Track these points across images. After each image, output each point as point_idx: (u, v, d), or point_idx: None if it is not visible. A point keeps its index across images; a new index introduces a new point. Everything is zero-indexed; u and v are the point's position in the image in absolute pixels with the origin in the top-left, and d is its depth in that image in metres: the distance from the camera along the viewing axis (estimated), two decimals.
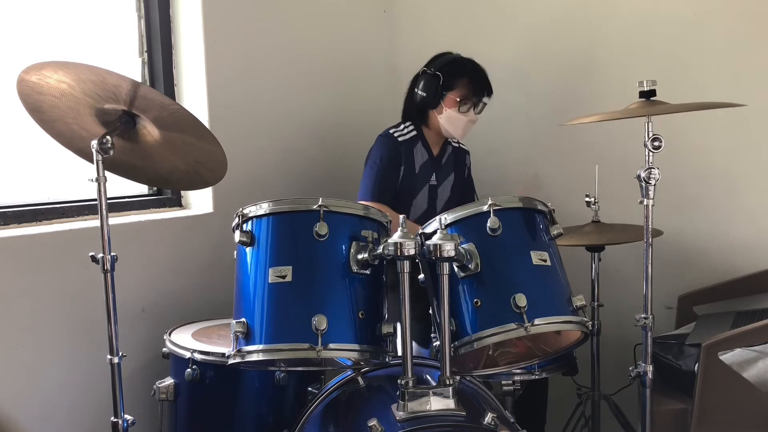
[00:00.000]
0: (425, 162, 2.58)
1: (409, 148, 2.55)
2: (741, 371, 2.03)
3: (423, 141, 2.59)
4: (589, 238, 2.34)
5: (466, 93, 2.51)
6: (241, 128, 2.66)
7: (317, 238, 1.64)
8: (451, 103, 2.51)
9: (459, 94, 2.50)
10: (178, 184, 2.31)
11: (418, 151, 2.57)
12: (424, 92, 2.53)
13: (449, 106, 2.51)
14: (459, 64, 2.54)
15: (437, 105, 2.53)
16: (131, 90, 1.69)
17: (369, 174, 2.50)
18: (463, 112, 2.51)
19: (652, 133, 1.84)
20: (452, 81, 2.50)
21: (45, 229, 2.20)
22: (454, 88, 2.50)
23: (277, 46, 2.82)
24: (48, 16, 2.32)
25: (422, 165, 2.58)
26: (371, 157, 2.54)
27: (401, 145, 2.53)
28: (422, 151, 2.58)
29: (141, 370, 2.30)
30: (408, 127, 2.58)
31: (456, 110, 2.51)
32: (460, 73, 2.51)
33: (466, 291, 1.66)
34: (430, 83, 2.52)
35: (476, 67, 2.55)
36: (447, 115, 2.52)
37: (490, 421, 1.58)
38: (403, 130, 2.57)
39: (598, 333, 2.39)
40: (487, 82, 2.55)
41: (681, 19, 2.67)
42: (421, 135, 2.59)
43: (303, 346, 1.58)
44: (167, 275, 2.47)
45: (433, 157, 2.61)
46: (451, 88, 2.51)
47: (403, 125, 2.59)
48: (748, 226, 2.63)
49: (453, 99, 2.51)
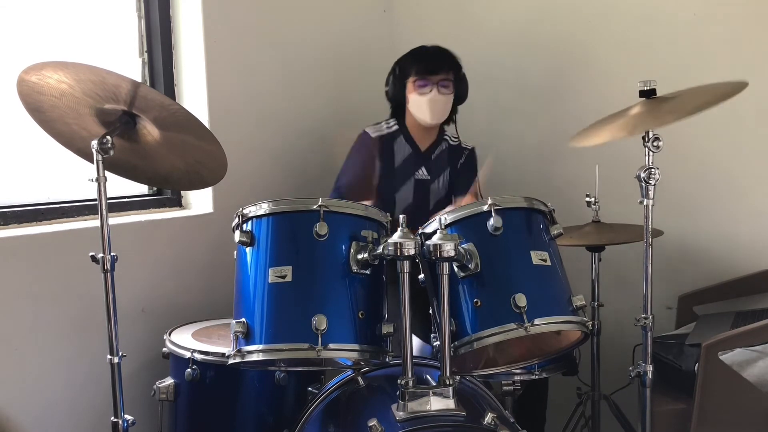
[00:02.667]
0: (408, 156, 2.59)
1: (389, 143, 2.57)
2: (741, 371, 2.03)
3: (405, 135, 2.60)
4: (590, 238, 2.34)
5: (418, 72, 2.51)
6: (241, 128, 2.66)
7: (317, 238, 1.64)
8: (411, 89, 2.53)
9: (414, 76, 2.52)
10: (178, 184, 2.30)
11: (399, 145, 2.58)
12: (390, 87, 2.58)
13: (410, 92, 2.53)
14: (412, 51, 2.58)
15: (404, 96, 2.55)
16: (131, 90, 1.69)
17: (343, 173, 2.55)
18: (422, 93, 2.50)
19: (652, 133, 1.84)
20: (406, 68, 2.54)
21: (45, 229, 2.20)
22: (410, 74, 2.53)
23: (277, 46, 2.82)
24: (48, 16, 2.32)
25: (405, 159, 2.58)
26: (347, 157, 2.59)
27: (376, 141, 2.55)
28: (404, 146, 2.59)
29: (141, 370, 2.29)
30: (389, 123, 2.61)
31: (416, 94, 2.52)
32: (411, 58, 2.55)
33: (466, 291, 1.66)
34: (392, 78, 2.57)
35: (427, 48, 2.56)
36: (412, 102, 2.54)
37: (490, 421, 1.58)
38: (383, 125, 2.60)
39: (598, 333, 2.40)
40: (440, 59, 2.53)
41: (681, 19, 2.68)
42: (404, 130, 2.60)
43: (303, 346, 1.58)
44: (167, 275, 2.47)
45: (419, 152, 2.61)
46: (408, 74, 2.53)
47: (385, 121, 2.62)
48: (748, 226, 2.63)
49: (411, 84, 2.53)
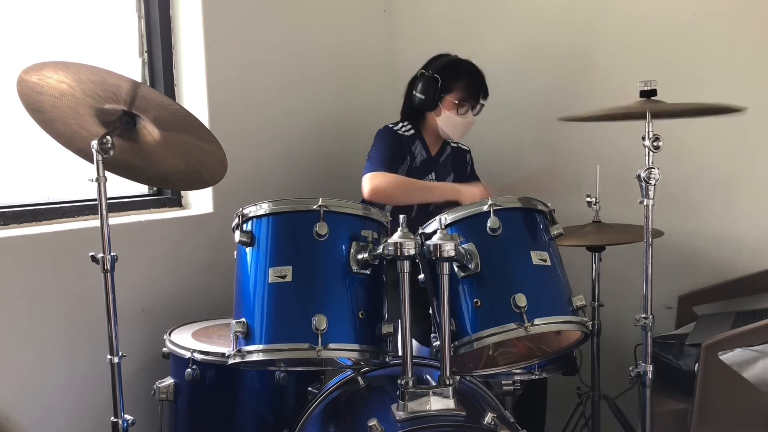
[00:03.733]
0: (424, 160, 2.59)
1: (409, 145, 2.55)
2: (741, 371, 2.03)
3: (421, 140, 2.59)
4: (590, 238, 2.34)
5: (464, 96, 2.51)
6: (241, 128, 2.66)
7: (317, 238, 1.64)
8: (449, 106, 2.51)
9: (457, 96, 2.50)
10: (178, 184, 2.30)
11: (417, 148, 2.58)
12: (423, 95, 2.52)
13: (447, 109, 2.51)
14: (457, 66, 2.54)
15: (435, 107, 2.53)
16: (131, 90, 1.69)
17: (373, 154, 2.47)
18: (461, 114, 2.52)
19: (652, 133, 1.84)
20: (450, 84, 2.50)
21: (45, 229, 2.20)
22: (453, 91, 2.50)
23: (277, 46, 2.82)
24: (48, 16, 2.32)
25: (421, 162, 2.58)
26: (374, 144, 2.53)
27: (403, 139, 2.54)
28: (421, 150, 2.58)
29: (141, 370, 2.29)
30: (405, 126, 2.58)
31: (455, 113, 2.51)
32: (458, 76, 2.51)
33: (466, 291, 1.66)
34: (428, 86, 2.51)
35: (474, 69, 2.54)
36: (445, 118, 2.53)
37: (490, 421, 1.58)
38: (401, 128, 2.57)
39: (598, 333, 2.39)
40: (484, 85, 2.55)
41: (681, 19, 2.67)
42: (419, 134, 2.59)
43: (303, 346, 1.58)
44: (167, 275, 2.47)
45: (431, 156, 2.62)
46: (450, 90, 2.50)
47: (401, 124, 2.59)
48: (748, 226, 2.63)
49: (451, 102, 2.51)
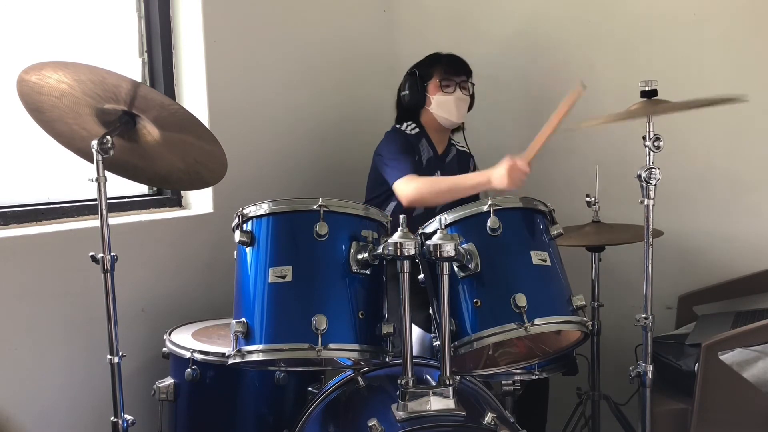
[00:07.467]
0: (430, 158, 2.61)
1: (416, 143, 2.58)
2: (741, 371, 2.03)
3: (427, 138, 2.61)
4: (590, 238, 2.34)
5: (443, 74, 2.57)
6: (241, 128, 2.66)
7: (317, 238, 1.64)
8: (434, 90, 2.56)
9: (438, 77, 2.57)
10: (178, 184, 2.30)
11: (423, 147, 2.60)
12: (408, 91, 2.60)
13: (434, 93, 2.56)
14: (432, 55, 2.63)
15: (424, 98, 2.57)
16: (131, 90, 1.69)
17: (393, 157, 2.49)
18: (448, 92, 2.55)
19: (652, 132, 1.84)
20: (428, 70, 2.59)
21: (45, 229, 2.20)
22: (433, 76, 2.57)
23: (277, 46, 2.82)
24: (48, 16, 2.32)
25: (428, 160, 2.60)
26: (385, 146, 2.55)
27: (410, 138, 2.58)
28: (427, 148, 2.61)
29: (141, 370, 2.29)
30: (410, 125, 2.61)
31: (441, 93, 2.55)
32: (433, 62, 2.60)
33: (466, 291, 1.66)
34: (410, 81, 2.60)
35: (449, 53, 2.62)
36: (435, 102, 2.56)
37: (490, 421, 1.58)
38: (407, 127, 2.61)
39: (598, 333, 2.40)
40: (462, 62, 2.61)
41: (681, 19, 2.68)
42: (424, 133, 2.61)
43: (303, 346, 1.58)
44: (167, 275, 2.46)
45: (437, 154, 2.63)
46: (430, 76, 2.58)
47: (406, 123, 2.62)
48: (749, 226, 2.63)
49: (435, 85, 2.57)
